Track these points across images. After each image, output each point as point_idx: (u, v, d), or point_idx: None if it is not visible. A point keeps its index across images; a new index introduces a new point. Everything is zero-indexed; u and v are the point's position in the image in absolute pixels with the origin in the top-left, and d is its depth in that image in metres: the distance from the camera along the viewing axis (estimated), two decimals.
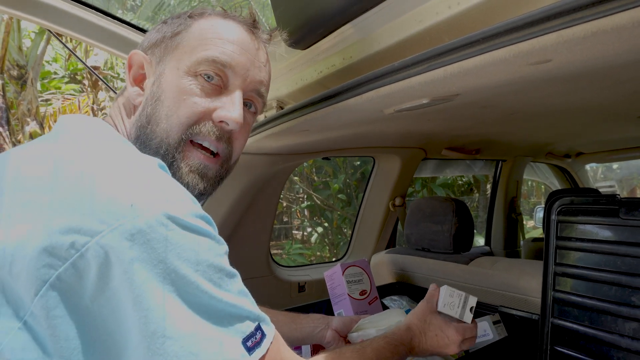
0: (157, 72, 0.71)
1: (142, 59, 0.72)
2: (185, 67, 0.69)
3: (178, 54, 0.70)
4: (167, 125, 0.68)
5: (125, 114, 0.73)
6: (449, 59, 0.63)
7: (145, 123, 0.69)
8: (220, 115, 0.70)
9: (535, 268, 1.31)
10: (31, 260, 0.47)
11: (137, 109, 0.72)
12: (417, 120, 1.28)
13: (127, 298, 0.47)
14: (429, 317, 0.94)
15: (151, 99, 0.69)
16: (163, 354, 0.48)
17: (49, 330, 0.47)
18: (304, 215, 6.44)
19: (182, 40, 0.70)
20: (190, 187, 0.70)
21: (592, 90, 0.99)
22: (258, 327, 0.56)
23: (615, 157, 3.15)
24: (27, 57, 5.24)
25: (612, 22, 0.44)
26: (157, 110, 0.68)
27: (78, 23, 1.20)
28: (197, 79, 0.69)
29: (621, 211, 0.97)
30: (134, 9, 4.81)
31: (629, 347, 0.92)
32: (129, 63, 0.73)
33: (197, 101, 0.69)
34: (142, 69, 0.72)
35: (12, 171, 0.55)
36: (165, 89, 0.69)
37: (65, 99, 6.89)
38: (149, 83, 0.71)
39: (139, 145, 0.69)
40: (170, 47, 0.71)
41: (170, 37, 0.71)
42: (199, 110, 0.69)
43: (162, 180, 0.55)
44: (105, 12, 1.22)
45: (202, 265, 0.51)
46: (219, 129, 0.71)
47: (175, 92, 0.68)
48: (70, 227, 0.47)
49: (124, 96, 0.75)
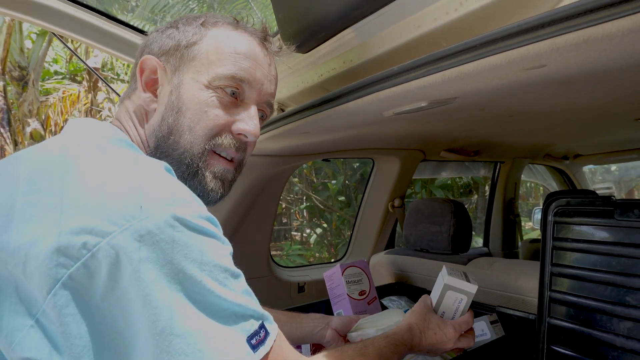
0: (175, 82, 0.72)
1: (155, 64, 0.73)
2: (205, 80, 0.71)
3: (196, 66, 0.72)
4: (190, 137, 0.71)
5: (136, 120, 0.75)
6: (446, 64, 0.65)
7: (167, 134, 0.71)
8: (240, 128, 0.74)
9: (532, 268, 1.33)
10: (44, 260, 0.48)
11: (150, 115, 0.74)
12: (416, 122, 1.30)
13: (136, 297, 0.49)
14: (428, 316, 0.95)
15: (171, 110, 0.72)
16: (171, 351, 0.49)
17: (60, 327, 0.49)
18: (302, 217, 6.46)
19: (199, 52, 0.72)
20: (213, 192, 0.74)
21: (587, 92, 1.01)
22: (262, 326, 0.58)
23: (613, 159, 3.17)
24: (28, 59, 5.26)
25: (602, 30, 0.46)
26: (179, 122, 0.71)
27: (79, 25, 1.21)
28: (217, 91, 0.72)
29: (616, 212, 0.99)
30: (133, 10, 4.83)
31: (624, 345, 0.94)
32: (140, 68, 0.74)
33: (218, 114, 0.72)
34: (154, 74, 0.74)
35: (24, 173, 0.56)
36: (186, 100, 0.71)
37: (65, 91, 6.88)
38: (164, 91, 0.73)
39: (159, 154, 0.72)
40: (186, 58, 0.72)
41: (185, 46, 0.72)
42: (221, 122, 0.73)
43: (169, 182, 0.57)
44: (106, 14, 1.23)
45: (208, 265, 0.53)
46: (237, 140, 0.75)
47: (196, 105, 0.71)
48: (82, 228, 0.49)
49: (132, 101, 0.76)
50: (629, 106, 1.27)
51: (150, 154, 0.73)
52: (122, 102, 0.78)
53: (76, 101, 6.65)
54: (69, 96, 6.67)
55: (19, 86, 5.11)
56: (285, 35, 0.99)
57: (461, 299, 0.98)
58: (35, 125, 5.16)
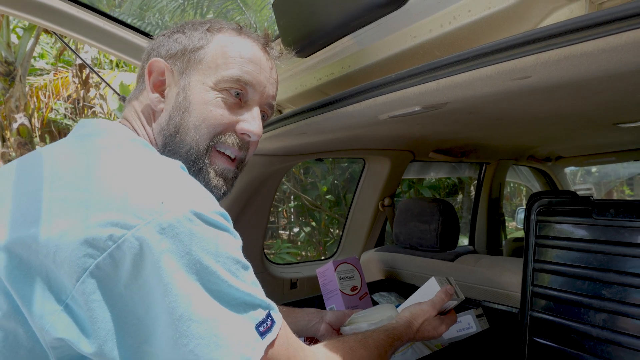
0: (182, 83, 0.77)
1: (163, 66, 0.77)
2: (211, 82, 0.76)
3: (202, 69, 0.76)
4: (196, 135, 0.76)
5: (144, 120, 0.79)
6: (441, 73, 0.70)
7: (174, 132, 0.76)
8: (244, 128, 0.79)
9: (516, 265, 1.39)
10: (73, 251, 0.52)
11: (157, 114, 0.78)
12: (407, 124, 1.35)
13: (157, 285, 0.53)
14: (429, 318, 0.99)
15: (178, 110, 0.76)
16: (189, 335, 0.54)
17: (88, 312, 0.53)
18: (290, 215, 6.48)
19: (205, 55, 0.76)
20: (216, 189, 0.79)
21: (569, 99, 1.07)
22: (269, 315, 0.62)
23: (593, 161, 3.29)
24: (15, 54, 5.17)
25: (580, 48, 0.52)
26: (186, 121, 0.75)
27: (85, 27, 1.24)
28: (223, 93, 0.76)
29: (594, 212, 1.05)
30: (120, 5, 4.78)
31: (599, 335, 1.00)
32: (149, 69, 0.77)
33: (223, 113, 0.77)
34: (162, 76, 0.78)
35: (48, 170, 0.60)
36: (193, 101, 0.76)
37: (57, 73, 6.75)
38: (171, 92, 0.77)
39: (167, 152, 0.76)
40: (193, 61, 0.77)
41: (192, 50, 0.77)
42: (225, 122, 0.77)
43: (186, 180, 0.61)
44: (110, 16, 1.26)
45: (222, 257, 0.57)
46: (241, 139, 0.80)
47: (202, 105, 0.75)
48: (108, 221, 0.53)
49: (140, 101, 0.80)
50: (608, 112, 1.34)
51: (159, 151, 0.77)
52: (129, 103, 0.82)
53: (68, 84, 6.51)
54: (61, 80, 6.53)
55: (6, 82, 5.03)
56: (286, 40, 1.03)
57: (452, 304, 1.07)
58: (22, 121, 5.09)
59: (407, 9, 0.79)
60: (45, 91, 6.50)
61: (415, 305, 1.02)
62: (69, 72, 6.69)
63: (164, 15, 3.25)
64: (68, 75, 6.62)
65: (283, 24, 1.01)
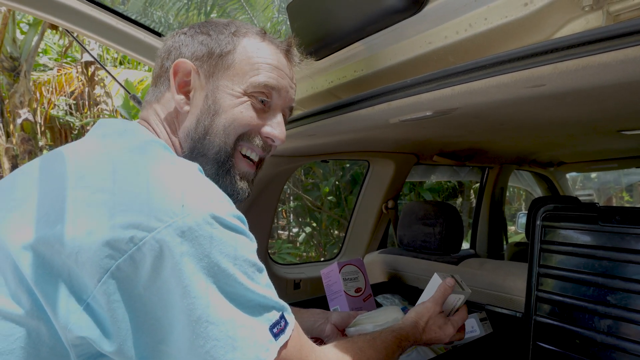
0: (209, 87, 0.78)
1: (190, 68, 0.78)
2: (239, 87, 0.78)
3: (230, 74, 0.78)
4: (224, 137, 0.78)
5: (167, 125, 0.80)
6: (457, 80, 0.71)
7: (203, 135, 0.77)
8: (270, 133, 0.82)
9: (520, 269, 1.40)
10: (95, 252, 0.53)
11: (182, 117, 0.79)
12: (413, 127, 1.36)
13: (176, 287, 0.54)
14: (434, 315, 0.99)
15: (207, 113, 0.77)
16: (206, 337, 0.55)
17: (109, 312, 0.54)
18: (289, 215, 6.48)
19: (233, 61, 0.78)
20: (242, 191, 0.82)
21: (576, 106, 1.08)
22: (282, 316, 0.63)
23: (594, 167, 3.30)
24: (20, 49, 5.17)
25: (598, 59, 0.53)
26: (215, 124, 0.77)
27: (94, 24, 1.24)
28: (251, 98, 0.79)
29: (600, 218, 1.06)
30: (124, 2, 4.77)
31: (604, 341, 1.00)
32: (174, 70, 0.77)
33: (252, 116, 0.79)
34: (187, 77, 0.78)
35: (72, 170, 0.61)
36: (222, 104, 0.77)
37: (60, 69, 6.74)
38: (198, 95, 0.78)
39: (195, 154, 0.78)
40: (221, 66, 0.78)
41: (219, 55, 0.78)
42: (253, 124, 0.80)
43: (205, 183, 0.63)
44: (123, 15, 1.27)
45: (239, 260, 0.58)
46: (265, 142, 0.83)
47: (232, 108, 0.78)
48: (130, 224, 0.54)
49: (162, 104, 0.80)
50: (614, 119, 1.35)
51: (185, 155, 0.78)
52: (149, 105, 0.82)
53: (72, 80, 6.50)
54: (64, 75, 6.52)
55: (11, 77, 5.03)
56: (299, 43, 1.04)
57: (459, 298, 1.05)
58: (26, 117, 5.09)
59: (423, 15, 0.80)
60: (48, 87, 6.49)
61: (420, 305, 1.02)
62: (73, 68, 6.69)
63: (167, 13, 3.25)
64: (72, 71, 6.61)
65: (297, 27, 1.02)
